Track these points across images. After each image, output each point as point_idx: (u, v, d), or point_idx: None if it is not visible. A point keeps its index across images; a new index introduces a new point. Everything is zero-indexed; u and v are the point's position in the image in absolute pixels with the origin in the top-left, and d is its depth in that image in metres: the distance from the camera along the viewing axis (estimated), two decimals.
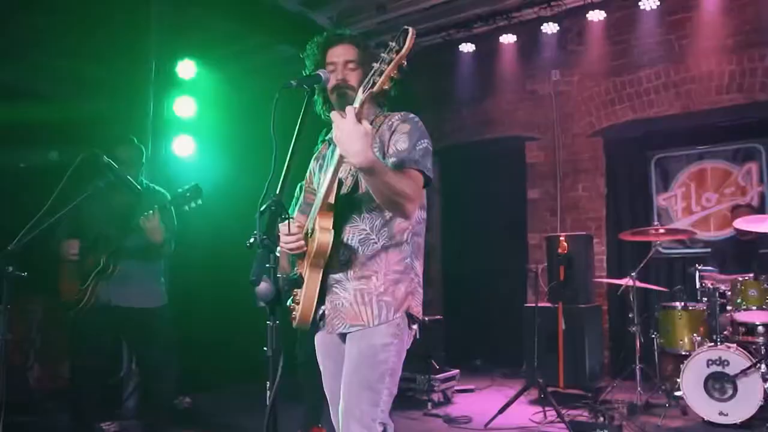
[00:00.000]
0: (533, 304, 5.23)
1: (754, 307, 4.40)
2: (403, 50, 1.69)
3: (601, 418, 4.34)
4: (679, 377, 4.49)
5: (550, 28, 6.52)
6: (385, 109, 2.23)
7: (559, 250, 5.39)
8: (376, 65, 1.76)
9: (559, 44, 6.89)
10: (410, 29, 1.70)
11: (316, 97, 2.19)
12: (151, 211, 3.42)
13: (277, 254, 1.62)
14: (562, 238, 5.42)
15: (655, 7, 5.97)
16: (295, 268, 2.21)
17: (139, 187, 3.44)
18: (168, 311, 3.85)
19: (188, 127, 5.56)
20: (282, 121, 2.06)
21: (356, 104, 1.80)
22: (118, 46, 5.08)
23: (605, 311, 6.40)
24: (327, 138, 2.33)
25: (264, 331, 1.59)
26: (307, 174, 2.41)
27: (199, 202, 3.48)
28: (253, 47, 6.79)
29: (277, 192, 1.70)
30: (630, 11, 6.27)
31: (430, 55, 7.24)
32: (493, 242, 7.15)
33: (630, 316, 5.01)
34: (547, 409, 4.71)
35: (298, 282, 1.75)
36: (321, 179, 2.26)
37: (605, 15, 6.27)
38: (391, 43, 1.72)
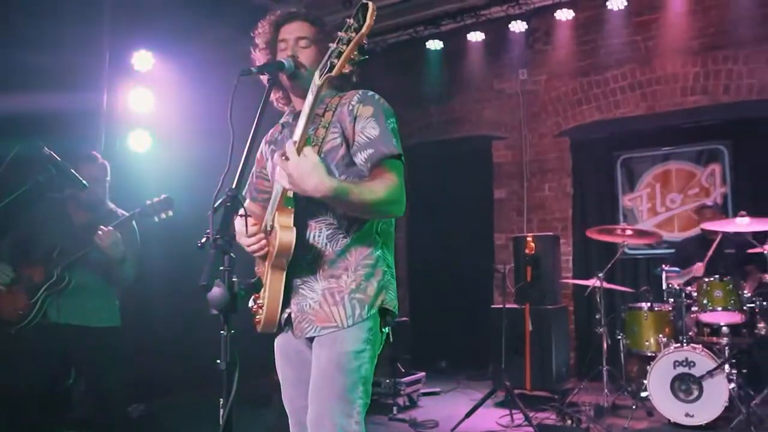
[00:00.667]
0: (500, 306, 5.16)
1: (719, 308, 4.39)
2: (364, 28, 1.52)
3: (569, 421, 4.32)
4: (645, 378, 4.47)
5: (518, 26, 6.47)
6: (338, 91, 2.07)
7: (526, 251, 5.36)
8: (333, 45, 1.60)
9: (527, 43, 6.86)
10: (370, 4, 1.53)
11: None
12: (106, 228, 3.20)
13: (233, 255, 1.45)
14: (529, 239, 5.38)
15: (622, 7, 5.97)
16: (255, 269, 2.06)
17: (85, 183, 3.20)
18: (121, 331, 3.60)
19: (145, 121, 5.32)
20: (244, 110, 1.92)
21: (312, 91, 1.65)
22: (69, 34, 4.82)
23: (571, 312, 6.38)
24: (281, 121, 2.19)
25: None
26: (257, 155, 2.24)
27: (170, 213, 3.30)
28: (216, 40, 6.58)
29: (233, 186, 1.54)
30: (598, 11, 6.26)
31: (398, 52, 7.14)
32: (459, 242, 7.06)
33: (597, 317, 4.98)
34: (514, 412, 4.64)
35: (257, 286, 1.59)
36: (272, 166, 2.12)
37: (573, 14, 6.25)
38: (348, 20, 1.55)
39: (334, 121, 1.92)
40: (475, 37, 6.72)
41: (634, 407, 4.53)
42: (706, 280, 4.48)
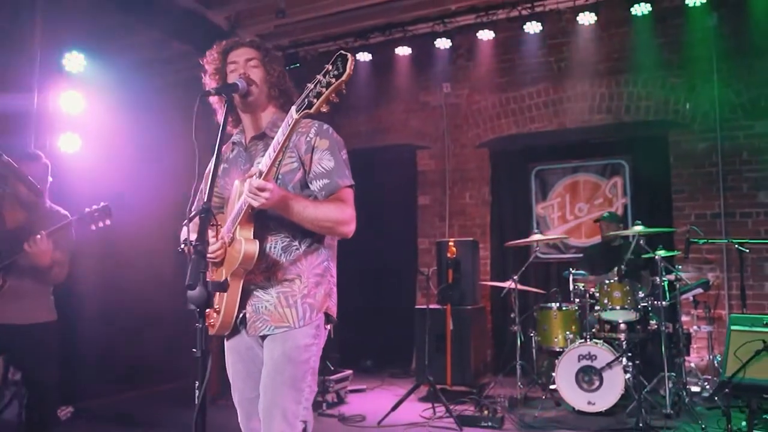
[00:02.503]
0: (424, 306, 5.48)
1: (618, 307, 4.90)
2: (344, 76, 1.73)
3: (486, 412, 4.67)
4: (553, 371, 4.92)
5: (442, 43, 6.85)
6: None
7: (448, 254, 5.71)
8: (310, 86, 1.80)
9: (451, 59, 7.27)
10: (349, 55, 1.75)
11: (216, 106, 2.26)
12: (38, 236, 3.22)
13: (208, 259, 1.66)
14: (451, 243, 5.73)
15: (538, 30, 6.45)
16: (210, 274, 2.24)
17: (39, 189, 3.23)
18: (56, 325, 3.64)
19: (75, 123, 5.30)
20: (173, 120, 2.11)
21: (288, 124, 1.86)
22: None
23: (488, 312, 6.81)
24: (233, 140, 2.36)
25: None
26: (205, 174, 2.38)
27: (108, 222, 3.35)
28: (145, 42, 6.58)
29: (206, 200, 1.75)
30: (515, 33, 6.73)
31: (327, 61, 7.33)
32: (384, 246, 7.36)
33: (512, 316, 5.38)
34: (436, 405, 4.97)
35: (224, 286, 1.80)
36: (224, 183, 2.31)
37: (493, 35, 6.69)
38: (328, 66, 1.76)
39: (290, 146, 2.15)
40: (403, 51, 7.05)
41: (544, 398, 4.98)
42: (606, 282, 4.98)
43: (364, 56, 7.13)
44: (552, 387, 5.06)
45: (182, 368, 6.33)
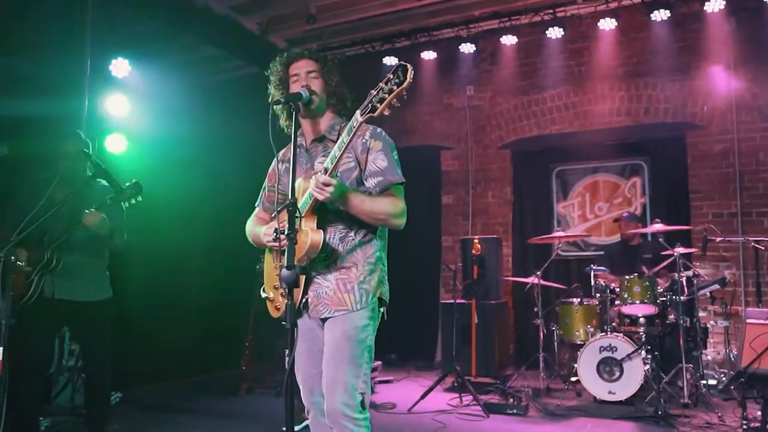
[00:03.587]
0: (451, 301, 5.72)
1: (638, 301, 5.11)
2: (405, 83, 2.01)
3: (511, 400, 4.91)
4: (575, 364, 5.14)
5: (466, 47, 7.09)
6: (344, 119, 2.54)
7: (473, 251, 5.95)
8: (373, 92, 2.08)
9: (474, 63, 7.50)
10: (409, 65, 2.02)
11: (279, 112, 2.49)
12: (92, 208, 3.50)
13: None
14: (475, 241, 5.97)
15: (560, 35, 6.67)
16: (273, 263, 2.51)
17: (121, 185, 3.51)
18: (112, 304, 3.93)
19: (120, 125, 5.62)
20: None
21: (353, 126, 2.13)
22: (51, 42, 5.07)
23: (510, 307, 7.04)
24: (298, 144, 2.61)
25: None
26: (270, 172, 2.69)
27: (139, 199, 3.56)
28: (178, 47, 6.87)
29: (291, 195, 2.02)
30: (538, 37, 6.96)
31: (354, 64, 7.60)
32: (408, 244, 7.59)
33: (535, 310, 5.60)
34: (462, 394, 5.21)
35: (306, 270, 2.06)
36: (287, 182, 2.56)
37: (516, 39, 6.91)
38: (389, 75, 2.04)
39: (348, 147, 2.41)
40: (428, 55, 7.30)
41: (566, 388, 5.22)
42: (627, 277, 5.19)
43: (390, 60, 7.36)
44: (573, 379, 5.29)
45: (212, 360, 6.69)
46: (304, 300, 2.38)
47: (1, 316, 2.47)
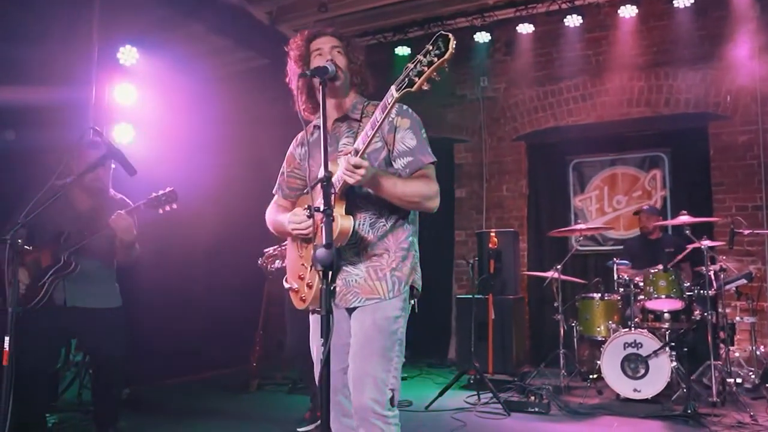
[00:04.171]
0: (468, 295, 5.56)
1: (663, 296, 4.93)
2: (447, 54, 1.83)
3: (532, 398, 4.75)
4: (596, 360, 4.98)
5: (481, 37, 6.91)
6: (367, 99, 2.38)
7: (490, 245, 5.79)
8: (410, 65, 1.90)
9: (489, 53, 7.32)
10: (450, 35, 1.84)
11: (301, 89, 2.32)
12: (123, 210, 3.38)
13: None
14: (492, 234, 5.81)
15: (578, 24, 6.50)
16: (298, 252, 2.35)
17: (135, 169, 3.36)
18: (123, 312, 3.75)
19: (129, 114, 5.47)
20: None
21: (388, 102, 1.97)
22: (59, 27, 4.92)
23: (526, 302, 6.87)
24: (314, 123, 2.44)
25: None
26: (287, 158, 2.52)
27: (174, 206, 3.45)
28: (187, 36, 6.72)
29: (324, 169, 1.86)
30: (555, 26, 6.78)
31: (367, 55, 7.43)
32: (420, 238, 7.41)
33: (555, 305, 5.43)
34: (480, 392, 5.05)
35: (341, 253, 1.89)
36: (307, 165, 2.37)
37: (533, 28, 6.74)
38: (428, 46, 1.86)
39: (381, 126, 2.24)
40: None
41: (589, 385, 5.05)
42: (652, 271, 5.01)
43: (403, 50, 7.21)
44: (592, 376, 5.12)
45: (218, 357, 6.53)
46: (331, 288, 2.22)
47: (8, 304, 2.29)
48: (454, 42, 1.82)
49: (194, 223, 6.13)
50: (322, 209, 1.74)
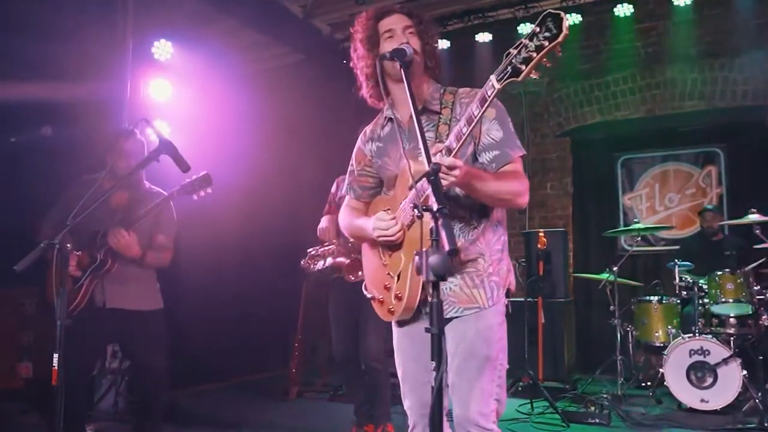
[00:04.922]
0: (521, 299, 5.28)
1: (731, 300, 4.60)
2: (560, 36, 1.56)
3: (592, 408, 4.46)
4: (653, 368, 4.68)
5: (525, 29, 6.62)
6: (441, 86, 2.14)
7: (539, 245, 5.50)
8: (513, 51, 1.66)
9: None
10: (562, 13, 1.57)
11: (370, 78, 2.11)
12: (120, 230, 3.13)
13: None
14: (541, 234, 5.52)
15: (628, 14, 6.19)
16: (381, 260, 2.13)
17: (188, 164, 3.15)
18: (164, 314, 3.56)
19: (163, 109, 5.30)
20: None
21: (488, 94, 1.72)
22: (93, 21, 4.76)
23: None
24: (386, 115, 2.20)
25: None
26: (357, 154, 2.28)
27: (209, 190, 3.21)
28: (221, 31, 6.55)
29: (430, 162, 1.63)
30: (603, 16, 6.49)
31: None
32: None
33: (611, 309, 5.13)
34: (534, 400, 4.77)
35: (454, 254, 1.65)
36: (382, 163, 2.17)
37: (580, 18, 6.44)
38: (536, 28, 1.60)
39: (456, 116, 2.00)
40: (483, 37, 6.86)
41: (650, 394, 4.75)
42: (718, 273, 4.69)
43: (443, 43, 6.93)
44: (649, 383, 4.81)
45: (252, 361, 6.34)
46: (422, 298, 1.99)
47: (56, 317, 2.07)
48: (568, 22, 1.54)
49: (228, 222, 5.95)
50: (436, 209, 1.48)
